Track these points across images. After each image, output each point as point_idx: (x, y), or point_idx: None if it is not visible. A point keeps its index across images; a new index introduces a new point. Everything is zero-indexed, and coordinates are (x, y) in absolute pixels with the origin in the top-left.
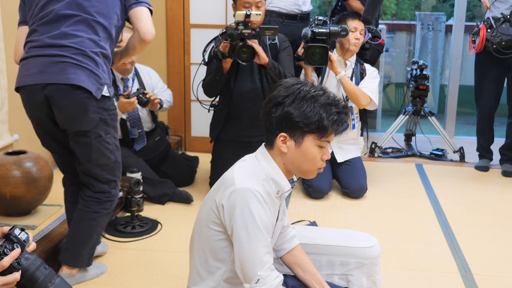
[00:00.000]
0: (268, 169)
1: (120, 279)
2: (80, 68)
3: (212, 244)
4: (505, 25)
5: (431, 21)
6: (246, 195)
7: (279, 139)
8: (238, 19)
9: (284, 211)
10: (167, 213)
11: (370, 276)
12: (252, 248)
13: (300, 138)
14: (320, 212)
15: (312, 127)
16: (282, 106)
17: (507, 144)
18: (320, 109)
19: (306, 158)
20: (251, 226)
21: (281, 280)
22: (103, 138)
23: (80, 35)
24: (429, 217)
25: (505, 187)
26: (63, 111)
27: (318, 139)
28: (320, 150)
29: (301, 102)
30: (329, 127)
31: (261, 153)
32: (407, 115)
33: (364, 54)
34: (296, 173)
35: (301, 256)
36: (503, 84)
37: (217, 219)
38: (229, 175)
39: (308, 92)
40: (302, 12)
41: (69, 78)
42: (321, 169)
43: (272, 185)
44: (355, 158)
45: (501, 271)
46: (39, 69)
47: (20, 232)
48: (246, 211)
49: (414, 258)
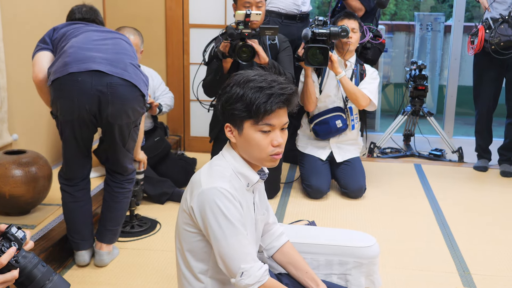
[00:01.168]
0: (234, 164)
1: (119, 278)
2: None
3: (191, 245)
4: (504, 26)
5: (430, 22)
6: (213, 194)
7: (226, 130)
8: (238, 18)
9: (267, 207)
10: (166, 213)
11: (368, 276)
12: (230, 244)
13: (241, 126)
14: (319, 212)
15: (244, 112)
16: (221, 96)
17: (505, 144)
18: (250, 93)
19: (251, 146)
20: (224, 223)
21: (265, 269)
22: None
23: None
24: (428, 217)
25: (504, 187)
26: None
27: (255, 124)
28: (264, 135)
29: (236, 88)
30: (260, 109)
31: (226, 148)
32: (406, 115)
33: (365, 53)
34: (252, 161)
35: (292, 254)
36: (501, 85)
37: (191, 221)
38: (196, 177)
39: (244, 78)
40: (301, 12)
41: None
42: (275, 155)
43: (240, 178)
44: (354, 158)
45: (500, 270)
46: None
47: (17, 231)
48: (215, 209)
49: (412, 257)
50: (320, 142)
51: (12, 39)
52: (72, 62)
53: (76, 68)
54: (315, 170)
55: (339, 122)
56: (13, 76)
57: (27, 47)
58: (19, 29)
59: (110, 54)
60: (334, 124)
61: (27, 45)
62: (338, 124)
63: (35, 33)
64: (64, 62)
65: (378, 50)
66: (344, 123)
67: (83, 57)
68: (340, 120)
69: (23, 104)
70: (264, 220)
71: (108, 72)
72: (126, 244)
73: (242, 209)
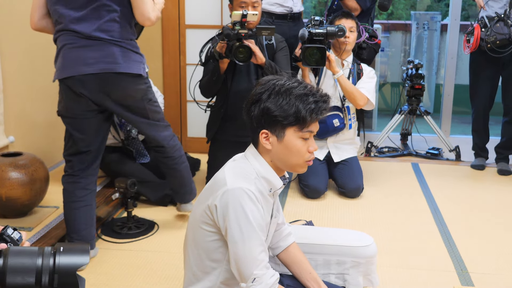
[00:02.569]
0: (259, 168)
1: (117, 280)
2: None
3: (207, 245)
4: (499, 24)
5: (427, 21)
6: (238, 195)
7: (262, 136)
8: (234, 19)
9: (278, 208)
10: (163, 214)
11: (366, 275)
12: (246, 248)
13: (281, 133)
14: (317, 212)
15: (291, 119)
16: (260, 103)
17: (502, 142)
18: (296, 101)
19: (291, 152)
20: (245, 226)
21: (277, 279)
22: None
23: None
24: (425, 216)
25: (501, 186)
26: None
27: (299, 131)
28: (304, 142)
29: (277, 96)
30: (307, 117)
31: (250, 152)
32: (403, 115)
33: (361, 53)
34: (285, 168)
35: (297, 254)
36: (497, 83)
37: (210, 220)
38: (220, 175)
39: (282, 86)
40: (292, 12)
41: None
42: (309, 161)
43: (263, 183)
44: (351, 157)
45: (498, 269)
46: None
47: (13, 232)
48: (239, 210)
49: (410, 256)
50: (317, 142)
51: (8, 40)
52: (66, 65)
53: (71, 72)
54: (313, 170)
55: (337, 122)
56: (9, 78)
57: (23, 48)
58: (15, 30)
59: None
60: (332, 123)
61: (23, 47)
62: (335, 124)
63: (31, 34)
64: (61, 64)
65: (373, 50)
66: (342, 123)
67: (75, 57)
68: (338, 120)
69: (19, 106)
70: (276, 222)
71: (100, 71)
72: (123, 245)
73: (264, 213)
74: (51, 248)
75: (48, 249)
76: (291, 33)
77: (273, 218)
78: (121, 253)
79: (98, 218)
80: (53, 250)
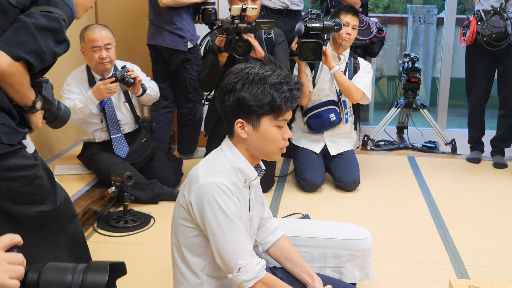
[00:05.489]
0: (233, 159)
1: None
2: None
3: (188, 240)
4: (495, 18)
5: (423, 14)
6: (211, 189)
7: (237, 126)
8: (234, 13)
9: (263, 202)
10: (159, 208)
11: (362, 268)
12: (227, 240)
13: (257, 121)
14: (313, 205)
15: (266, 108)
16: (234, 93)
17: (498, 136)
18: (271, 89)
19: (266, 140)
20: (222, 218)
21: (263, 265)
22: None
23: None
24: (421, 209)
25: (497, 179)
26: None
27: (274, 119)
28: (279, 129)
29: (251, 85)
30: (282, 105)
31: (226, 144)
32: (399, 108)
33: (371, 48)
34: (260, 156)
35: (287, 248)
36: (493, 76)
37: (188, 216)
38: (194, 172)
39: (256, 74)
40: (288, 9)
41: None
42: (283, 149)
43: (238, 174)
44: (347, 151)
45: (493, 261)
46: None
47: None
48: (213, 204)
49: (406, 249)
50: (314, 136)
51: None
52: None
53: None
54: (309, 164)
55: (333, 116)
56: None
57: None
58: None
59: None
60: (328, 117)
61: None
62: (331, 118)
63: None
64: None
65: (381, 43)
66: (338, 117)
67: None
68: (334, 114)
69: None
70: (260, 215)
71: None
72: (120, 239)
73: (240, 205)
74: (84, 266)
75: (81, 267)
76: (287, 28)
77: (252, 211)
78: (117, 247)
79: (94, 212)
80: (85, 268)
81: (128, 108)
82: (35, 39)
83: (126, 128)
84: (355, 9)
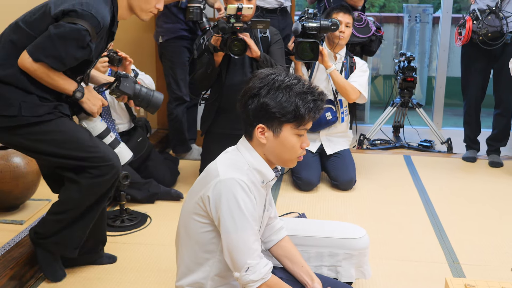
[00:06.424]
0: (251, 160)
1: (110, 273)
2: None
3: (200, 236)
4: (491, 17)
5: (419, 13)
6: (231, 185)
7: (257, 130)
8: (229, 12)
9: (271, 202)
10: (156, 207)
11: (358, 267)
12: (239, 237)
13: (278, 128)
14: (309, 204)
15: (289, 116)
16: (258, 98)
17: (494, 135)
18: (296, 98)
19: (285, 148)
20: (238, 215)
21: (270, 267)
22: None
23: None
24: (417, 208)
25: (492, 178)
26: None
27: (296, 128)
28: (298, 138)
29: (276, 92)
30: (306, 115)
31: (243, 144)
32: (395, 107)
33: (370, 46)
34: (277, 163)
35: (289, 247)
36: (489, 75)
37: (203, 211)
38: (212, 166)
39: (282, 82)
40: (282, 6)
41: None
42: (300, 157)
43: (256, 174)
44: (344, 150)
45: (489, 260)
46: None
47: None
48: (232, 200)
49: (402, 248)
50: (310, 135)
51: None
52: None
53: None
54: (305, 163)
55: (329, 115)
56: None
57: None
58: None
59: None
60: (324, 116)
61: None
62: (328, 117)
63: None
64: None
65: (379, 41)
66: (334, 116)
67: None
68: (330, 113)
69: None
70: (268, 215)
71: None
72: (116, 238)
73: (256, 203)
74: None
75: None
76: (280, 26)
77: (265, 211)
78: (114, 246)
79: None
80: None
81: (123, 107)
82: (54, 46)
83: (121, 127)
84: (347, 7)
